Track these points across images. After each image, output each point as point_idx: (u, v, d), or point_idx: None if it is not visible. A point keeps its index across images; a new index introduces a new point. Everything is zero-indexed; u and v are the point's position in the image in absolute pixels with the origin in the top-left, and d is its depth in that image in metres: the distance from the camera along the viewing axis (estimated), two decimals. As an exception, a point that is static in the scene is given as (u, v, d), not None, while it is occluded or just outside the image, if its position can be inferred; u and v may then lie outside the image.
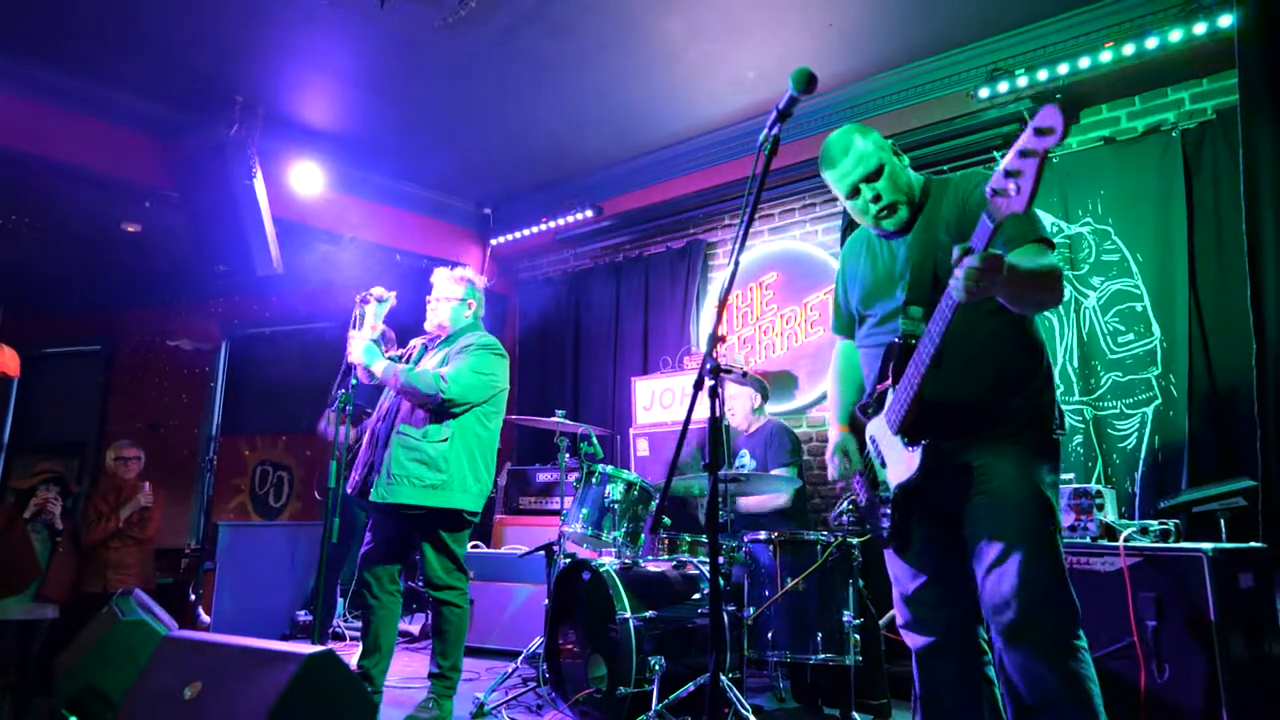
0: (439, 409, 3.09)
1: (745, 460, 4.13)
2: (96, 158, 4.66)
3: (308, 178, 5.12)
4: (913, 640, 2.03)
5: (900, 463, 1.90)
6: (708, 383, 1.71)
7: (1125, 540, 2.49)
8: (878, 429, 2.01)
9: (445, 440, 3.11)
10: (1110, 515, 2.87)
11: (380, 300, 3.25)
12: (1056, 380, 2.01)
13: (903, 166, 2.03)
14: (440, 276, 3.38)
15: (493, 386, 3.21)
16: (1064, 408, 3.62)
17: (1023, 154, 1.45)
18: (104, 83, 4.51)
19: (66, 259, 6.54)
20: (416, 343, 3.45)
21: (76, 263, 6.61)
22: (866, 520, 2.10)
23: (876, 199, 1.98)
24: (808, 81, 1.72)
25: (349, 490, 3.25)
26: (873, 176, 1.97)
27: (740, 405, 4.23)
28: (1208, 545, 2.33)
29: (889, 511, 1.97)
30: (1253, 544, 2.58)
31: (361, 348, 3.15)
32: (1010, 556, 1.79)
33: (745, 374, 4.12)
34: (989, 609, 1.83)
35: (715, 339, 1.75)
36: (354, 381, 3.25)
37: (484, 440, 3.24)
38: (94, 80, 4.48)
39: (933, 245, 1.92)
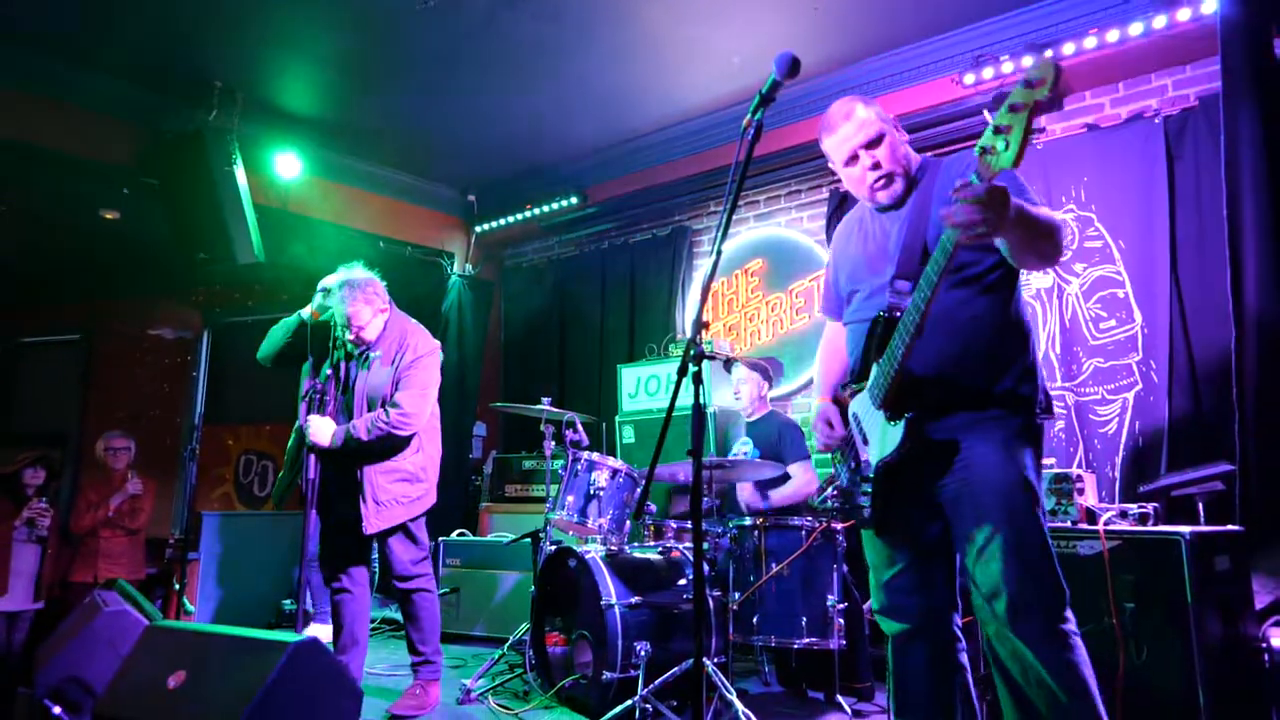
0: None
1: (747, 447, 4.11)
2: (73, 143, 4.58)
3: (289, 164, 5.06)
4: (888, 626, 2.04)
5: (882, 439, 1.88)
6: (691, 369, 1.71)
7: (1105, 524, 2.51)
8: (860, 406, 1.99)
9: (419, 451, 3.20)
10: (1091, 500, 2.90)
11: (325, 289, 3.18)
12: (1040, 366, 1.96)
13: (902, 140, 2.02)
14: (337, 303, 3.13)
15: (436, 388, 3.27)
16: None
17: (1012, 108, 1.44)
18: (80, 66, 4.42)
19: (44, 247, 6.45)
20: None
21: (54, 251, 6.51)
22: (847, 501, 2.07)
23: (875, 166, 1.96)
24: (790, 65, 1.71)
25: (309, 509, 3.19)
26: (873, 144, 1.95)
27: (747, 391, 4.21)
28: (1185, 529, 2.36)
29: (869, 490, 1.94)
30: (1229, 527, 2.61)
31: (324, 432, 3.05)
32: (996, 543, 1.77)
33: (729, 361, 4.10)
34: (980, 596, 1.81)
35: (699, 325, 1.75)
36: (325, 372, 3.24)
37: (435, 423, 3.31)
38: (69, 63, 4.39)
39: (924, 221, 1.90)
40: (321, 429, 3.04)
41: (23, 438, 7.14)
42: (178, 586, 4.80)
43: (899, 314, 1.81)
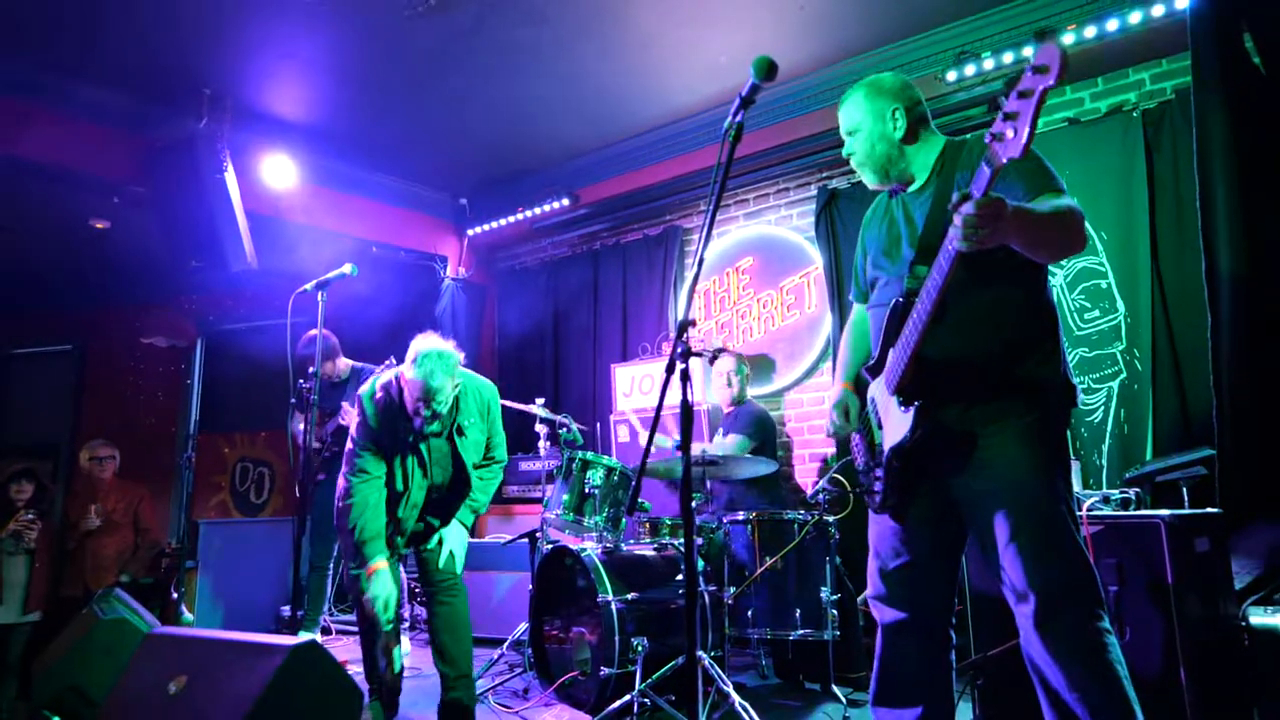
0: None
1: (723, 440, 4.19)
2: (62, 152, 4.58)
3: (280, 171, 5.08)
4: (881, 613, 2.01)
5: (895, 425, 1.87)
6: (679, 366, 1.75)
7: (1088, 510, 2.56)
8: (877, 390, 1.98)
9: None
10: (1076, 487, 2.95)
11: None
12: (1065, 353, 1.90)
13: (889, 132, 1.97)
14: (423, 376, 2.83)
15: None
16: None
17: (1020, 94, 1.44)
18: (68, 75, 4.43)
19: (34, 257, 6.44)
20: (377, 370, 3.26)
21: (45, 261, 6.51)
22: (862, 484, 2.05)
23: (851, 155, 2.06)
24: (768, 69, 1.74)
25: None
26: (851, 133, 2.03)
27: (738, 380, 4.31)
28: (1165, 512, 2.40)
29: (881, 475, 1.92)
30: (1208, 510, 2.66)
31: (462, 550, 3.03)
32: (1020, 544, 1.74)
33: (714, 356, 4.18)
34: (1010, 597, 1.78)
35: (684, 324, 1.79)
36: (314, 371, 3.25)
37: None
38: (57, 72, 4.40)
39: (945, 204, 1.81)
40: (456, 542, 3.03)
41: (12, 450, 7.14)
42: (176, 595, 4.82)
43: (915, 299, 1.79)
